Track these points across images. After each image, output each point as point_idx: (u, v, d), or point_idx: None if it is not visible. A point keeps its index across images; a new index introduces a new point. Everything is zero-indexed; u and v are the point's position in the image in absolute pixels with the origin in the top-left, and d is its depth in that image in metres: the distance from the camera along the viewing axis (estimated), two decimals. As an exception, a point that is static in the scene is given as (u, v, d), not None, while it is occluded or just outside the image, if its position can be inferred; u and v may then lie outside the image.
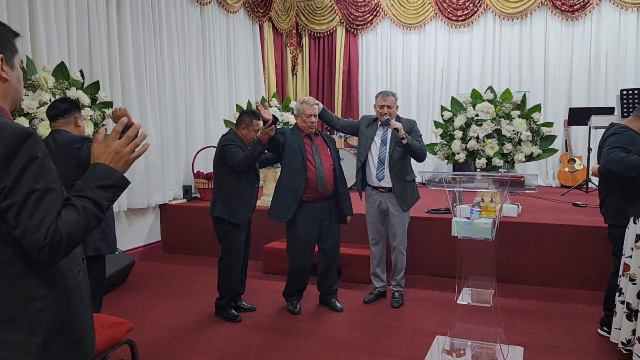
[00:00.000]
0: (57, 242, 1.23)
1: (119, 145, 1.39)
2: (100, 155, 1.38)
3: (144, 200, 5.49)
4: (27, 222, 1.21)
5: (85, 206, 1.30)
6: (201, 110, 6.55)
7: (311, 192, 3.73)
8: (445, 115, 4.83)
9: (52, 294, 1.31)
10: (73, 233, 1.26)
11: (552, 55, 7.65)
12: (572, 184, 6.83)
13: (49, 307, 1.30)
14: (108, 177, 1.36)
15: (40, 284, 1.29)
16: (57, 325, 1.32)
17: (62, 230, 1.24)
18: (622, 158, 2.96)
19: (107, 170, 1.37)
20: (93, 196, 1.32)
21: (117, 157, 1.39)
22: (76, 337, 1.38)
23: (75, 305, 1.39)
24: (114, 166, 1.38)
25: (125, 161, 1.41)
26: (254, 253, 4.56)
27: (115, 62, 5.11)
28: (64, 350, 1.35)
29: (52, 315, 1.31)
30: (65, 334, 1.34)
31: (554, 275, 4.36)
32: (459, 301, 3.09)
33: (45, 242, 1.21)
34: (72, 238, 1.26)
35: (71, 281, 1.38)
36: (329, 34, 8.88)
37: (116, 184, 1.38)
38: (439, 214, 4.82)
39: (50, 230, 1.22)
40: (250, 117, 3.76)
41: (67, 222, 1.26)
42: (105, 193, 1.35)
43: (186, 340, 3.39)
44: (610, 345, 3.17)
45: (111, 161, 1.38)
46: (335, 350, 3.19)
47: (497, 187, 3.09)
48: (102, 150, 1.39)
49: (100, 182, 1.35)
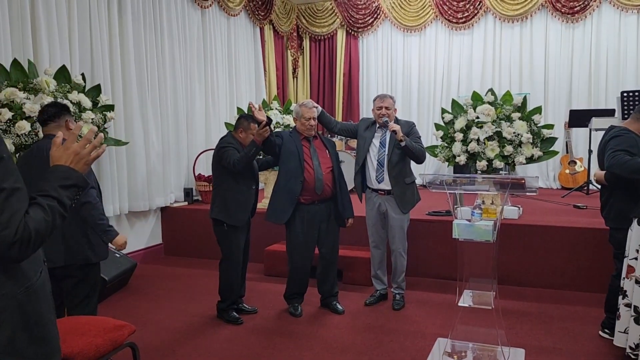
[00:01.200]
0: (27, 239, 1.26)
1: (78, 147, 1.46)
2: (60, 157, 1.44)
3: (146, 203, 5.50)
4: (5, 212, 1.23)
5: (50, 204, 1.34)
6: (202, 113, 6.56)
7: (309, 194, 3.74)
8: (446, 117, 4.84)
9: (15, 293, 1.34)
10: (41, 230, 1.30)
11: (552, 57, 7.66)
12: (572, 186, 6.83)
13: (11, 306, 1.33)
14: (69, 177, 1.42)
15: (3, 284, 1.31)
16: (21, 323, 1.35)
17: (31, 227, 1.28)
18: (628, 161, 2.95)
19: (68, 171, 1.43)
20: (56, 195, 1.37)
21: (76, 158, 1.45)
22: (41, 335, 1.41)
23: (38, 304, 1.41)
24: (74, 167, 1.44)
25: (85, 162, 1.47)
26: (256, 256, 4.58)
27: (116, 65, 5.12)
28: (29, 346, 1.37)
29: (14, 313, 1.33)
30: (29, 332, 1.37)
31: (555, 277, 4.36)
32: (460, 303, 3.10)
33: (16, 239, 1.24)
34: (40, 235, 1.30)
35: (34, 281, 1.40)
36: (330, 36, 8.90)
37: (77, 184, 1.43)
38: (440, 216, 4.83)
39: (20, 227, 1.25)
40: (248, 120, 3.77)
41: (35, 219, 1.30)
42: (67, 192, 1.40)
43: (188, 342, 3.40)
44: (611, 347, 3.17)
45: (71, 162, 1.44)
46: (337, 353, 3.20)
47: (497, 189, 3.09)
48: (61, 153, 1.45)
49: (62, 182, 1.40)
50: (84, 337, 2.30)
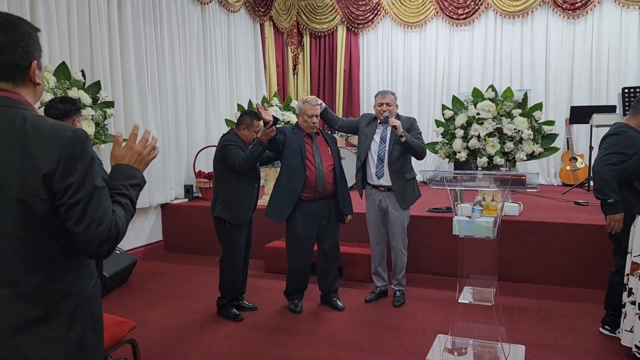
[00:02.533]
0: (116, 235, 1.32)
1: (140, 147, 1.49)
2: (123, 157, 1.47)
3: (146, 200, 5.50)
4: (92, 216, 1.27)
5: (127, 202, 1.41)
6: (202, 110, 6.56)
7: (310, 192, 3.73)
8: (447, 114, 4.83)
9: (87, 291, 1.38)
10: (124, 228, 1.36)
11: (553, 54, 7.63)
12: (573, 183, 6.82)
13: (84, 303, 1.37)
14: (134, 177, 1.46)
15: (78, 281, 1.36)
16: (90, 320, 1.39)
17: (119, 225, 1.33)
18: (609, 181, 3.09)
19: (132, 170, 1.46)
20: (129, 194, 1.42)
21: (139, 158, 1.49)
22: (100, 333, 1.46)
23: (99, 303, 1.47)
24: (136, 166, 1.47)
25: (145, 162, 1.52)
26: (256, 252, 4.57)
27: (116, 62, 5.11)
28: (94, 344, 1.41)
29: (86, 311, 1.37)
30: (95, 329, 1.41)
31: (555, 273, 4.36)
32: (460, 300, 3.09)
33: (109, 235, 1.29)
34: (123, 232, 1.36)
35: (96, 280, 1.46)
36: (330, 33, 8.87)
37: (140, 184, 1.48)
38: (440, 212, 4.82)
39: (112, 224, 1.30)
40: (251, 117, 3.76)
41: (120, 216, 1.35)
42: (134, 191, 1.46)
43: (188, 339, 3.40)
44: (612, 344, 3.17)
45: (134, 162, 1.48)
46: (337, 350, 3.20)
47: (498, 186, 3.08)
48: (124, 152, 1.48)
49: (130, 181, 1.44)
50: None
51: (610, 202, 3.12)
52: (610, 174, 3.09)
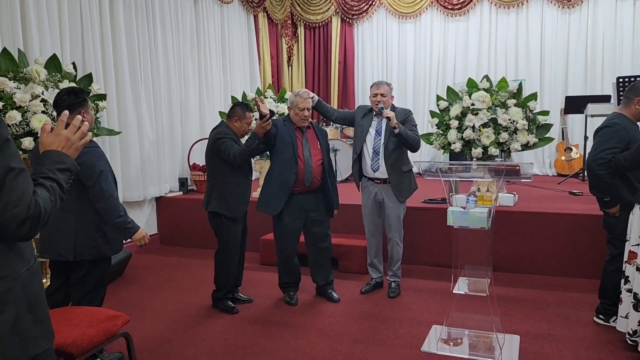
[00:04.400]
0: (37, 216, 1.32)
1: (68, 133, 1.51)
2: (51, 143, 1.48)
3: (140, 193, 5.48)
4: (8, 197, 1.28)
5: (52, 185, 1.41)
6: (196, 102, 6.51)
7: (298, 185, 3.72)
8: (441, 104, 4.82)
9: (18, 274, 1.38)
10: (47, 208, 1.36)
11: (548, 44, 7.62)
12: (568, 173, 6.84)
13: (15, 287, 1.37)
14: (63, 162, 1.47)
15: (5, 265, 1.36)
16: (25, 304, 1.39)
17: (41, 204, 1.34)
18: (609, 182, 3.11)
19: (61, 156, 1.48)
20: (55, 177, 1.43)
21: (68, 143, 1.50)
22: (40, 317, 1.46)
23: (37, 286, 1.47)
24: (65, 152, 1.49)
25: (75, 147, 1.52)
26: (251, 245, 4.56)
27: (108, 54, 5.06)
28: (31, 328, 1.42)
29: (19, 294, 1.38)
30: (31, 313, 1.42)
31: (550, 263, 4.37)
32: (455, 291, 3.10)
33: (28, 215, 1.30)
34: (47, 213, 1.36)
35: (32, 263, 1.46)
36: (325, 24, 8.82)
37: (70, 169, 1.49)
38: (435, 203, 4.82)
39: (31, 204, 1.31)
40: (243, 109, 3.72)
41: (42, 197, 1.36)
42: (63, 175, 1.46)
43: (183, 332, 3.39)
44: (606, 332, 3.19)
45: (63, 147, 1.49)
46: (332, 341, 3.20)
47: (492, 176, 3.08)
48: (52, 139, 1.49)
49: (58, 166, 1.45)
50: (77, 328, 2.29)
51: (607, 200, 3.14)
52: (605, 171, 3.11)
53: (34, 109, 3.54)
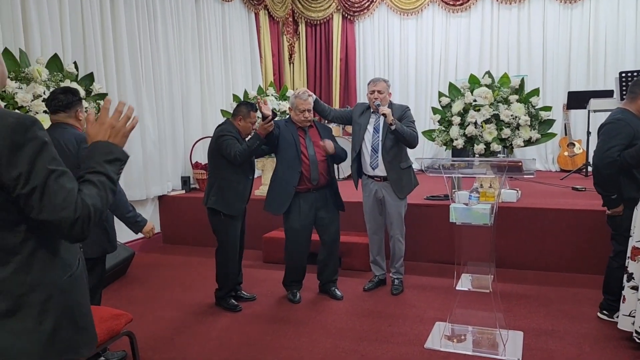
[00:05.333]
0: (87, 215, 1.27)
1: (113, 120, 1.43)
2: (97, 134, 1.42)
3: (143, 192, 5.48)
4: (53, 201, 1.23)
5: (100, 180, 1.35)
6: (198, 101, 6.51)
7: (305, 184, 3.72)
8: (443, 101, 4.80)
9: (58, 281, 1.35)
10: (97, 205, 1.31)
11: (550, 39, 7.58)
12: (571, 168, 6.81)
13: (55, 295, 1.33)
14: (111, 152, 1.40)
15: (46, 272, 1.32)
16: (64, 312, 1.35)
17: (89, 203, 1.28)
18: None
19: (108, 146, 1.41)
20: (103, 170, 1.37)
21: (114, 131, 1.43)
22: (81, 324, 1.42)
23: (78, 293, 1.42)
24: (112, 141, 1.42)
25: (123, 134, 1.45)
26: (254, 242, 4.57)
27: (109, 53, 5.06)
28: (72, 336, 1.38)
29: (59, 302, 1.34)
30: (71, 321, 1.38)
31: (553, 259, 4.36)
32: (458, 287, 3.10)
33: (77, 216, 1.25)
34: (97, 210, 1.30)
35: (74, 269, 1.41)
36: (326, 21, 8.80)
37: (119, 158, 1.42)
38: (438, 200, 4.81)
39: (77, 205, 1.25)
40: (248, 108, 3.72)
41: (90, 195, 1.30)
42: (112, 167, 1.40)
43: (186, 330, 3.40)
44: (610, 329, 3.18)
45: (109, 137, 1.42)
46: (336, 338, 3.20)
47: (495, 173, 3.07)
48: (97, 129, 1.42)
49: (106, 157, 1.39)
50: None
51: (614, 198, 3.12)
52: (612, 170, 3.08)
53: (35, 109, 3.54)
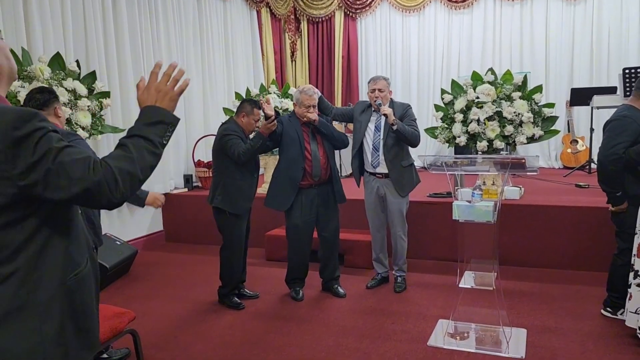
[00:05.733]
0: (111, 176, 1.22)
1: (160, 84, 1.42)
2: (145, 100, 1.40)
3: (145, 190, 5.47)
4: (69, 175, 1.19)
5: (133, 142, 1.31)
6: (200, 99, 6.51)
7: (306, 179, 3.72)
8: (446, 98, 4.79)
9: (65, 280, 1.31)
10: (124, 166, 1.26)
11: (553, 35, 7.56)
12: (574, 165, 6.80)
13: (60, 294, 1.30)
14: (153, 115, 1.37)
15: (52, 271, 1.28)
16: (68, 313, 1.32)
17: (111, 164, 1.24)
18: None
19: (152, 109, 1.38)
20: (139, 132, 1.33)
21: (160, 95, 1.41)
22: (85, 326, 1.39)
23: (85, 294, 1.39)
24: (159, 105, 1.40)
25: (170, 97, 1.42)
26: (257, 240, 4.57)
27: (111, 51, 5.07)
28: (75, 337, 1.34)
29: (63, 302, 1.31)
30: (76, 322, 1.35)
31: (556, 257, 4.35)
32: (462, 285, 3.09)
33: (97, 180, 1.20)
34: (126, 172, 1.26)
35: (82, 267, 1.38)
36: (328, 18, 8.79)
37: (163, 120, 1.38)
38: (441, 197, 4.80)
39: (95, 168, 1.21)
40: (252, 105, 3.72)
41: (114, 157, 1.27)
42: (153, 129, 1.35)
43: (189, 328, 3.40)
44: (613, 326, 3.17)
45: (156, 101, 1.40)
46: (338, 336, 3.20)
47: (498, 170, 3.06)
48: (145, 95, 1.41)
49: (147, 120, 1.36)
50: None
51: (619, 195, 3.11)
52: (617, 167, 3.07)
53: (38, 107, 3.54)
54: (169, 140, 1.40)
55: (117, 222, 5.23)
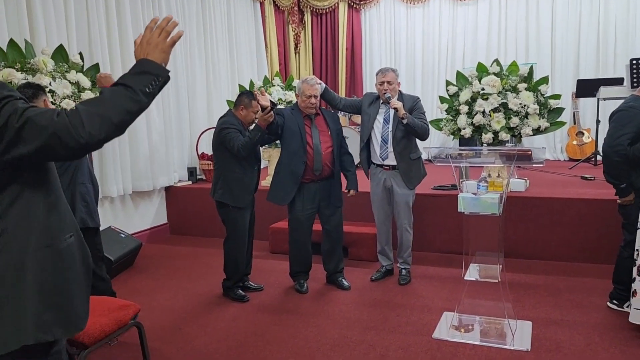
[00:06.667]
0: (76, 117, 1.26)
1: (152, 37, 1.43)
2: (139, 54, 1.42)
3: (149, 183, 5.49)
4: (37, 126, 1.25)
5: (111, 89, 1.34)
6: (203, 91, 6.49)
7: (308, 174, 3.70)
8: (451, 89, 4.76)
9: (33, 250, 1.35)
10: (92, 109, 1.29)
11: (559, 26, 7.49)
12: (580, 157, 6.75)
13: (33, 261, 1.35)
14: (140, 66, 1.39)
15: (21, 237, 1.34)
16: (39, 282, 1.36)
17: (78, 107, 1.29)
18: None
19: (140, 62, 1.40)
20: (121, 81, 1.36)
21: (150, 47, 1.42)
22: (59, 302, 1.41)
23: (59, 270, 1.41)
24: (150, 57, 1.41)
25: (161, 49, 1.43)
26: (261, 233, 4.56)
27: (115, 43, 5.05)
28: (46, 310, 1.38)
29: (35, 270, 1.35)
30: (45, 295, 1.37)
31: (562, 249, 4.33)
32: (467, 277, 3.08)
33: (62, 122, 1.25)
34: (93, 113, 1.28)
35: (58, 242, 1.41)
36: (331, 10, 8.73)
37: (149, 71, 1.39)
38: (446, 190, 4.78)
39: (59, 115, 1.27)
40: (249, 97, 3.70)
41: (84, 102, 1.32)
42: (136, 78, 1.37)
43: (194, 321, 3.41)
44: (620, 318, 3.16)
45: (147, 54, 1.41)
46: (343, 328, 3.20)
47: (503, 162, 3.04)
48: (139, 50, 1.43)
49: (132, 71, 1.39)
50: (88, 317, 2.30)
51: (623, 187, 3.09)
52: (621, 158, 3.04)
53: (41, 99, 3.54)
54: (157, 91, 1.41)
55: (122, 215, 5.24)
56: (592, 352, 2.78)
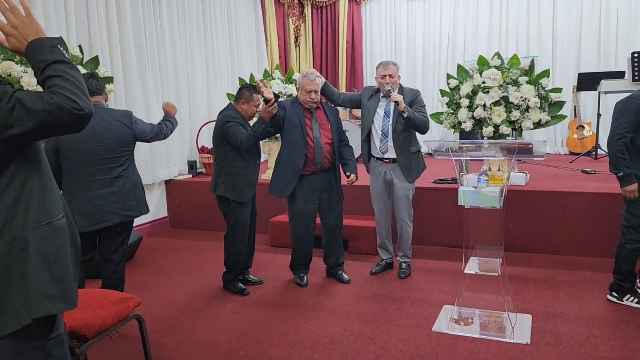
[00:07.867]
0: (63, 97, 1.34)
1: (11, 23, 1.41)
2: (18, 44, 1.43)
3: (150, 176, 5.48)
4: (28, 108, 1.32)
5: (52, 69, 1.38)
6: (203, 85, 6.47)
7: (308, 166, 3.70)
8: (451, 83, 4.74)
9: (36, 225, 1.44)
10: (69, 87, 1.36)
11: (560, 19, 7.45)
12: (581, 151, 6.74)
13: (35, 238, 1.43)
14: (40, 46, 1.40)
15: (21, 215, 1.42)
16: (43, 257, 1.44)
17: (58, 90, 1.35)
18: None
19: (34, 43, 1.40)
20: (49, 60, 1.39)
21: (21, 30, 1.41)
22: (60, 275, 1.48)
23: (58, 244, 1.49)
24: (32, 37, 1.41)
25: (27, 25, 1.42)
26: (261, 227, 4.56)
27: (114, 36, 5.03)
28: (50, 284, 1.45)
29: (39, 246, 1.43)
30: (50, 269, 1.45)
31: (562, 242, 4.34)
32: (467, 271, 3.08)
33: (54, 101, 1.32)
34: (73, 90, 1.36)
35: (55, 220, 1.49)
36: (332, 3, 8.69)
37: (52, 44, 1.42)
38: (446, 183, 4.78)
39: (49, 96, 1.33)
40: (250, 91, 3.68)
41: (56, 85, 1.37)
42: (54, 54, 1.41)
43: (194, 314, 3.42)
44: (619, 311, 3.16)
45: (27, 36, 1.41)
46: (343, 322, 3.20)
47: (504, 155, 3.03)
48: (14, 41, 1.43)
49: (42, 51, 1.40)
50: (89, 310, 2.31)
51: (620, 175, 3.09)
52: (621, 147, 3.06)
53: (41, 92, 3.53)
54: None
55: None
56: (592, 345, 2.78)
